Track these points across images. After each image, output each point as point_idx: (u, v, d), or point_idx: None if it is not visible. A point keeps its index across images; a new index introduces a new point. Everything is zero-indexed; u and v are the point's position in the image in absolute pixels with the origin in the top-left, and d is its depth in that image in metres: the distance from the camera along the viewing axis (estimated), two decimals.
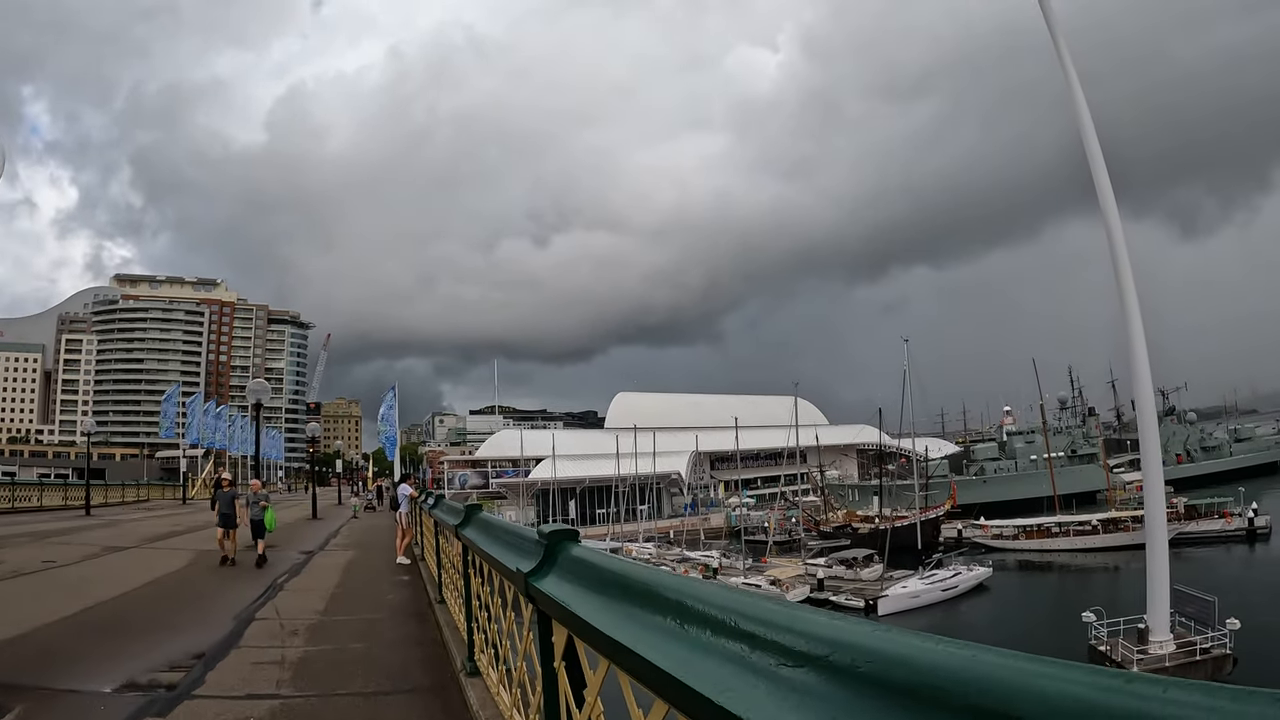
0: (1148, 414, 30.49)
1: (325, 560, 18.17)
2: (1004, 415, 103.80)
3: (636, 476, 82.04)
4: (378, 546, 21.44)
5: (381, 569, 16.31)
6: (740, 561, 61.37)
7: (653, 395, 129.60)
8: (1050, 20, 28.29)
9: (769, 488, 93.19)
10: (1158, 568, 29.57)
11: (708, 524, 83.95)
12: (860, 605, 45.32)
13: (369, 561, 18.02)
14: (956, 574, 47.91)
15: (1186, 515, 58.15)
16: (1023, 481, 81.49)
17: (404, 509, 17.57)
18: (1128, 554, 55.09)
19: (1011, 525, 62.71)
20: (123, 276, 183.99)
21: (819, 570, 51.81)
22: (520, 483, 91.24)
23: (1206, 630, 29.57)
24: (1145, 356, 29.13)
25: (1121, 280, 28.10)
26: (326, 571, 16.08)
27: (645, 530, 77.17)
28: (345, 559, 18.66)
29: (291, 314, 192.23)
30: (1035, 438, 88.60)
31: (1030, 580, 53.68)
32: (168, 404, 67.15)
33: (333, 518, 34.82)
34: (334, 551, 20.69)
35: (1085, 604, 44.79)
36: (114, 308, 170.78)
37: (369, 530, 27.96)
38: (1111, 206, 28.66)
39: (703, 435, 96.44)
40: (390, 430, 48.36)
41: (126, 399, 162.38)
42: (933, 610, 44.55)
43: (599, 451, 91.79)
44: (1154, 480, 30.22)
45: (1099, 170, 28.40)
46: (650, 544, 71.25)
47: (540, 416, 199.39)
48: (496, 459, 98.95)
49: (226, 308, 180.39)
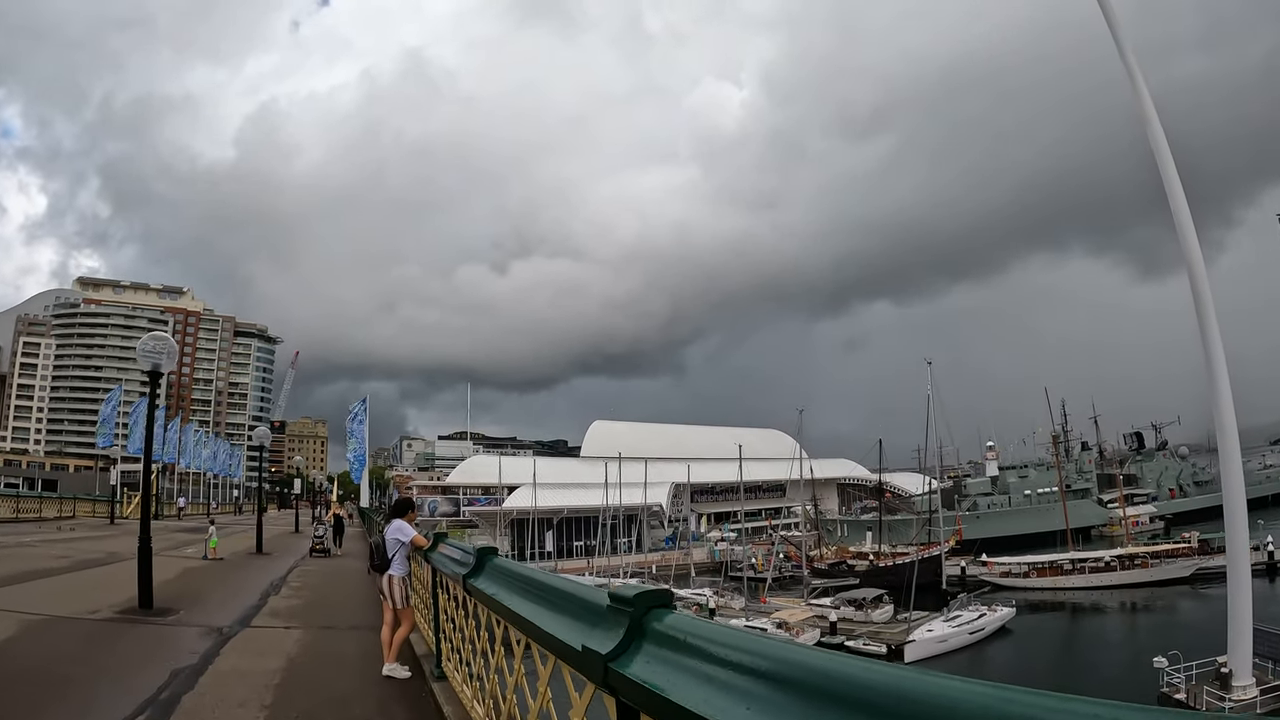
0: (1231, 449, 27.66)
1: (243, 659, 9.27)
2: (987, 450, 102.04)
3: (621, 507, 78.06)
4: (343, 619, 13.13)
5: (352, 693, 8.03)
6: (735, 600, 57.75)
7: (630, 424, 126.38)
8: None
9: (751, 521, 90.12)
10: (1240, 605, 26.59)
11: (690, 558, 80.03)
12: (882, 650, 41.82)
13: (327, 669, 9.28)
14: (981, 615, 44.68)
15: (1201, 550, 55.86)
16: (1018, 517, 79.88)
17: (398, 570, 8.95)
18: (1147, 591, 52.75)
19: (1021, 562, 59.75)
20: (86, 280, 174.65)
21: (829, 612, 48.16)
22: (497, 511, 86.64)
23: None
24: (1229, 393, 26.49)
25: (1204, 320, 25.59)
26: (232, 707, 7.23)
27: (627, 564, 73.15)
28: (282, 656, 9.54)
29: (259, 327, 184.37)
30: (1029, 472, 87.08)
31: (1054, 621, 50.58)
32: (107, 407, 59.91)
33: (284, 552, 27.36)
34: (265, 629, 11.70)
35: (1125, 646, 42.45)
36: (75, 311, 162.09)
37: (329, 580, 19.90)
38: (1191, 236, 26.13)
39: (682, 467, 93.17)
40: (359, 448, 43.91)
41: (84, 407, 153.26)
42: (960, 655, 41.21)
43: (576, 481, 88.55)
44: (1237, 514, 27.25)
45: (1178, 201, 25.88)
46: (634, 579, 67.25)
47: (510, 444, 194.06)
48: (469, 485, 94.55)
49: (192, 317, 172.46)
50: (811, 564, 68.73)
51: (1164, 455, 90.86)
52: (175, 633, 10.88)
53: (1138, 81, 26.44)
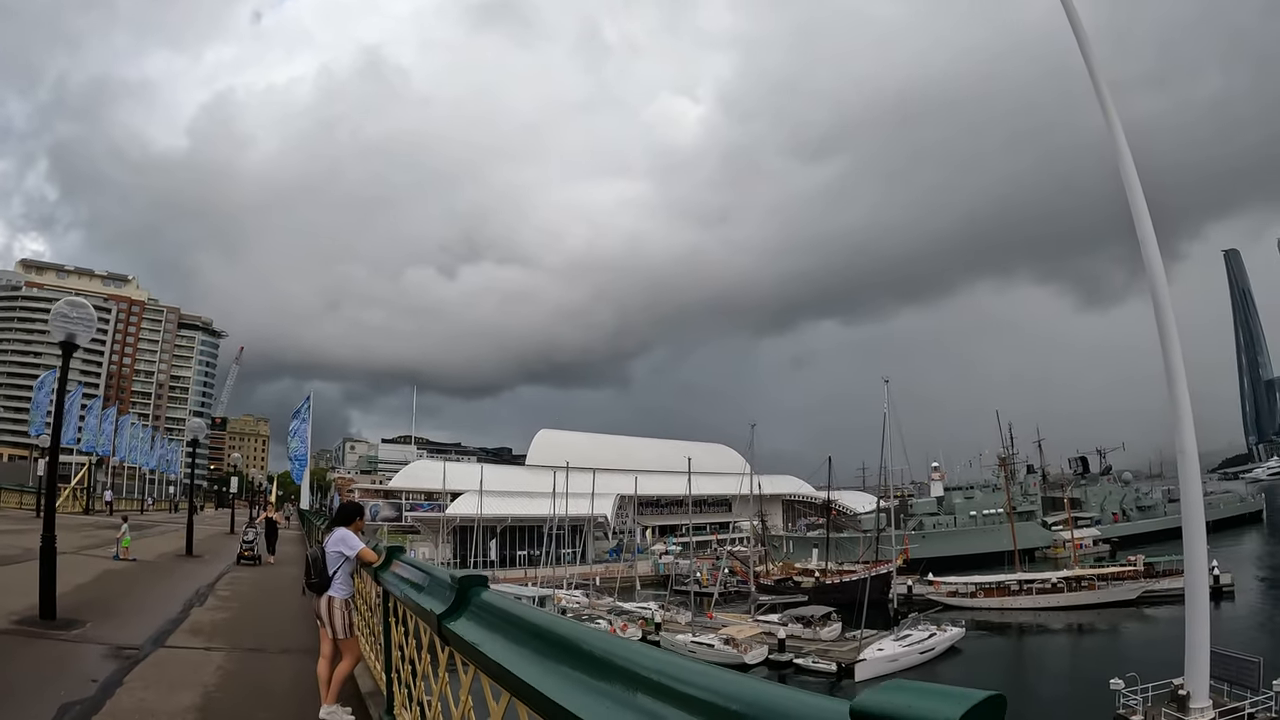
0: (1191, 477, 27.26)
1: (150, 692, 7.47)
2: (933, 471, 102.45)
3: (567, 518, 76.04)
4: (274, 639, 11.32)
5: None
6: (681, 615, 56.23)
7: (576, 434, 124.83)
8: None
9: (697, 535, 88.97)
10: (1198, 628, 26.19)
11: (634, 571, 78.27)
12: (832, 669, 40.68)
13: (252, 708, 7.53)
14: (931, 634, 43.82)
15: (1147, 573, 56.12)
16: (964, 537, 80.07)
17: (340, 591, 7.13)
18: (1094, 613, 52.65)
19: (969, 582, 59.35)
20: (30, 263, 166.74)
21: (777, 629, 46.86)
22: (440, 518, 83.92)
23: (1248, 694, 27.36)
24: (1191, 421, 26.15)
25: (1169, 351, 25.26)
26: None
27: (570, 576, 71.17)
28: (198, 689, 7.77)
29: (204, 320, 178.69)
30: (974, 493, 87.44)
31: (1004, 641, 50.02)
32: (40, 393, 55.57)
33: (216, 556, 24.95)
34: (183, 651, 9.72)
35: (1077, 667, 41.89)
36: (15, 294, 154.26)
37: (262, 589, 17.62)
38: (1158, 267, 25.79)
39: (626, 478, 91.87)
40: (301, 447, 41.32)
41: (20, 394, 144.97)
42: (911, 675, 40.19)
43: (520, 489, 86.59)
44: (1196, 539, 26.79)
45: (1146, 233, 25.58)
46: (579, 591, 65.35)
47: (455, 450, 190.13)
48: (412, 490, 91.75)
49: (136, 306, 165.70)
50: (758, 580, 67.61)
51: (1108, 480, 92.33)
52: (75, 652, 9.15)
53: (1111, 115, 26.09)
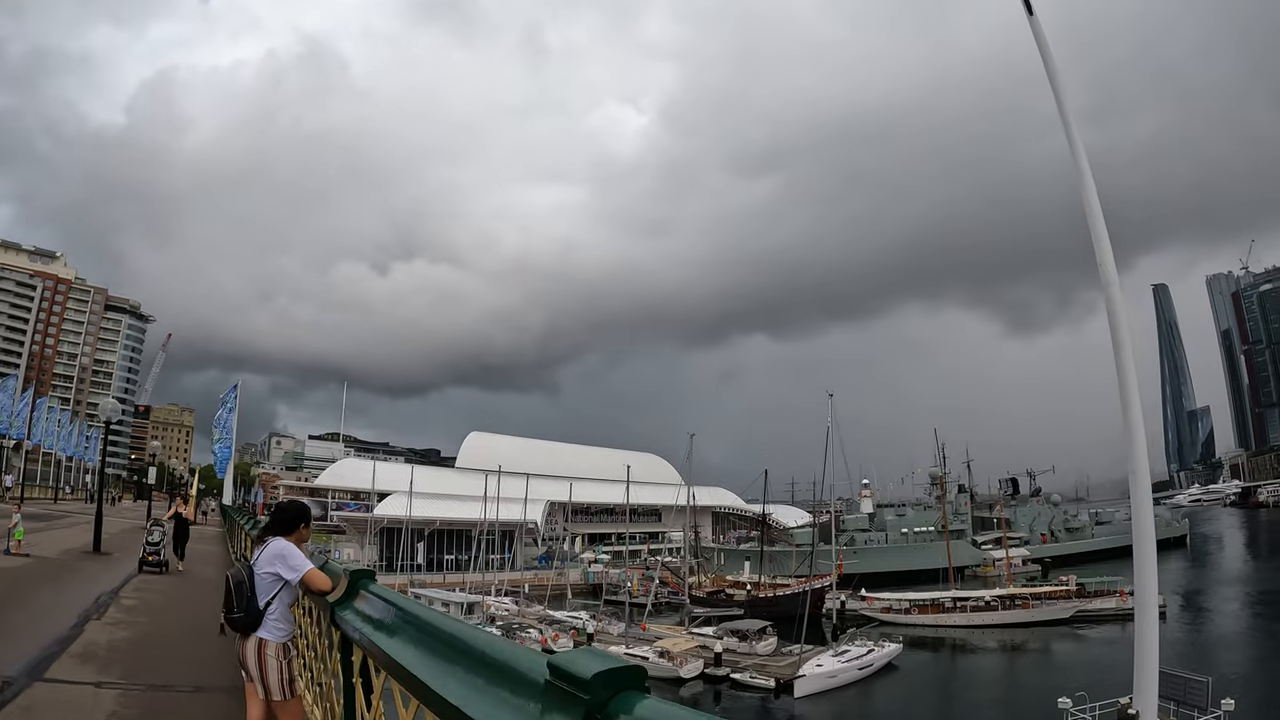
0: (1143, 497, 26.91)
1: None
2: (862, 488, 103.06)
3: (497, 522, 73.59)
4: (185, 670, 8.54)
5: None
6: (614, 625, 54.64)
7: (507, 438, 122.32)
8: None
9: (631, 544, 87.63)
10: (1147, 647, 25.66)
11: (565, 579, 76.29)
12: (770, 684, 39.52)
13: None
14: (869, 650, 43.13)
15: (1079, 593, 56.82)
16: (896, 554, 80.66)
17: (275, 633, 4.74)
18: (1027, 631, 52.90)
19: (904, 599, 59.21)
20: None
21: (713, 643, 45.55)
22: (367, 518, 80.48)
23: (1195, 714, 26.93)
24: (1144, 443, 25.78)
25: (1124, 374, 24.94)
26: None
27: (499, 582, 68.84)
28: None
29: (132, 304, 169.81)
30: (906, 511, 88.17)
31: (940, 658, 49.78)
32: None
33: (127, 553, 20.82)
34: (66, 687, 7.30)
35: (1016, 684, 41.78)
36: None
37: (175, 598, 14.87)
38: (1116, 292, 25.50)
39: (557, 484, 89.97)
40: (226, 439, 38.25)
41: None
42: (849, 691, 39.48)
43: (450, 492, 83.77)
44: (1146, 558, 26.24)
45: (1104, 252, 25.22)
46: (508, 599, 63.16)
47: (383, 450, 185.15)
48: (338, 489, 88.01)
49: (63, 285, 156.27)
50: (690, 592, 66.44)
51: (1038, 501, 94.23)
52: None
53: (1076, 143, 25.68)
